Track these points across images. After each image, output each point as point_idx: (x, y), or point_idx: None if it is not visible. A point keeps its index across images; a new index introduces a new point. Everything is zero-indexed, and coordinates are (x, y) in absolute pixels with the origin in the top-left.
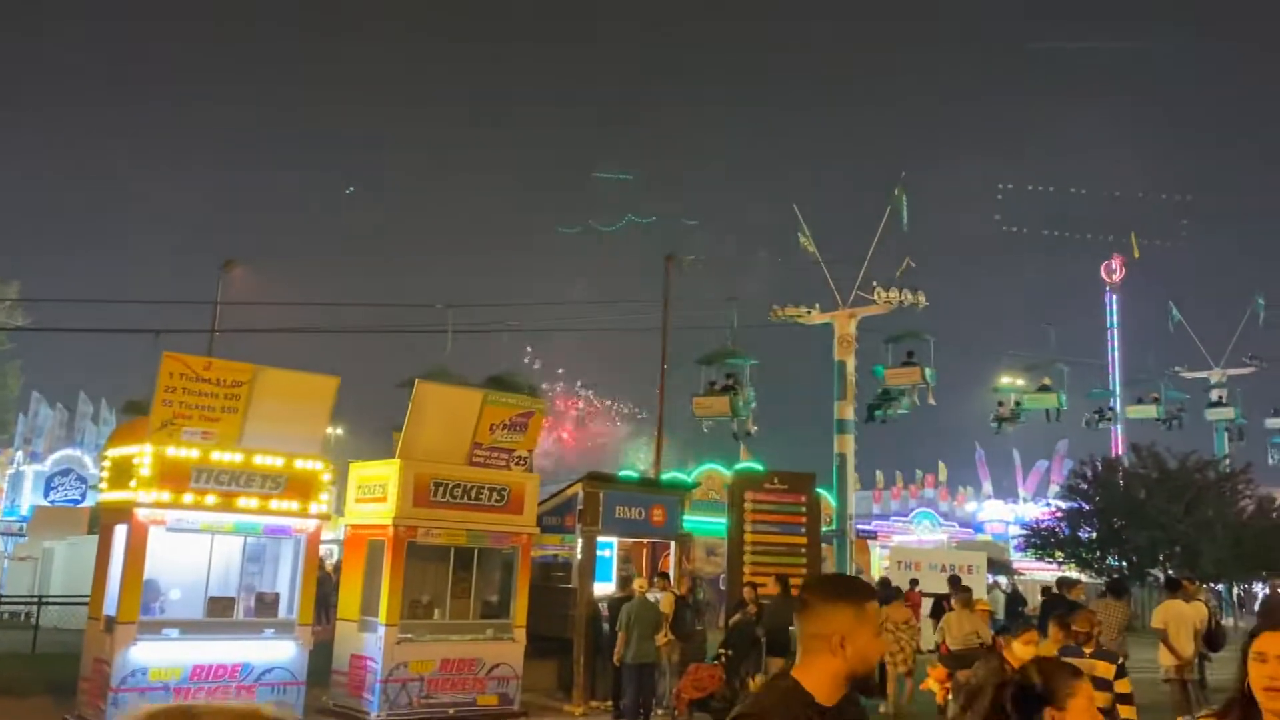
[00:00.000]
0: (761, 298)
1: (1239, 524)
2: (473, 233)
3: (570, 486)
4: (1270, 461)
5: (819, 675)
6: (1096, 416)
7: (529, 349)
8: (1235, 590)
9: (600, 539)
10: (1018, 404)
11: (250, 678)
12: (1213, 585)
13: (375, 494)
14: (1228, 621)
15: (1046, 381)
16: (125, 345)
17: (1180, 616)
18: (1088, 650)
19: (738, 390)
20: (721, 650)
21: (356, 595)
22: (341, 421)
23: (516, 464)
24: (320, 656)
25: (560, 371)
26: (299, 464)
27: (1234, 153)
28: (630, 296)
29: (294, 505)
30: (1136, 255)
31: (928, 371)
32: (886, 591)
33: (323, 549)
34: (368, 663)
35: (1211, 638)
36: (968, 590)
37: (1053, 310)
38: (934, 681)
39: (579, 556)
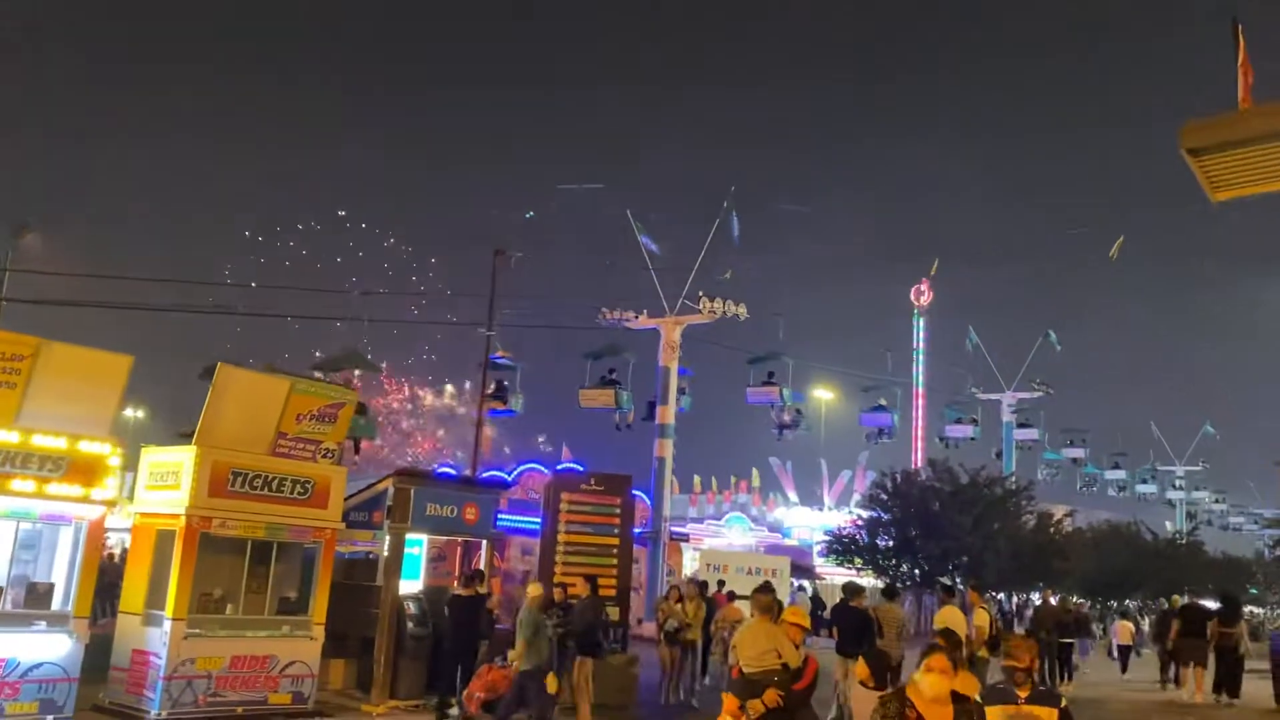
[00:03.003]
0: (591, 300)
1: (1020, 537)
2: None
3: (380, 481)
4: (1040, 476)
5: None
6: (878, 432)
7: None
8: (1014, 599)
9: (409, 536)
10: (798, 412)
11: (15, 674)
12: (994, 594)
13: (168, 481)
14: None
15: (882, 401)
16: None
17: (958, 623)
18: (1023, 694)
19: (621, 384)
20: (515, 651)
21: (142, 587)
22: (143, 404)
23: (324, 456)
24: (100, 652)
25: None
26: (84, 446)
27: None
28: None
29: (76, 490)
30: (933, 273)
31: (786, 391)
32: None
33: (113, 538)
34: (150, 658)
35: (994, 643)
36: (769, 592)
37: (866, 330)
38: (726, 715)
39: (385, 553)
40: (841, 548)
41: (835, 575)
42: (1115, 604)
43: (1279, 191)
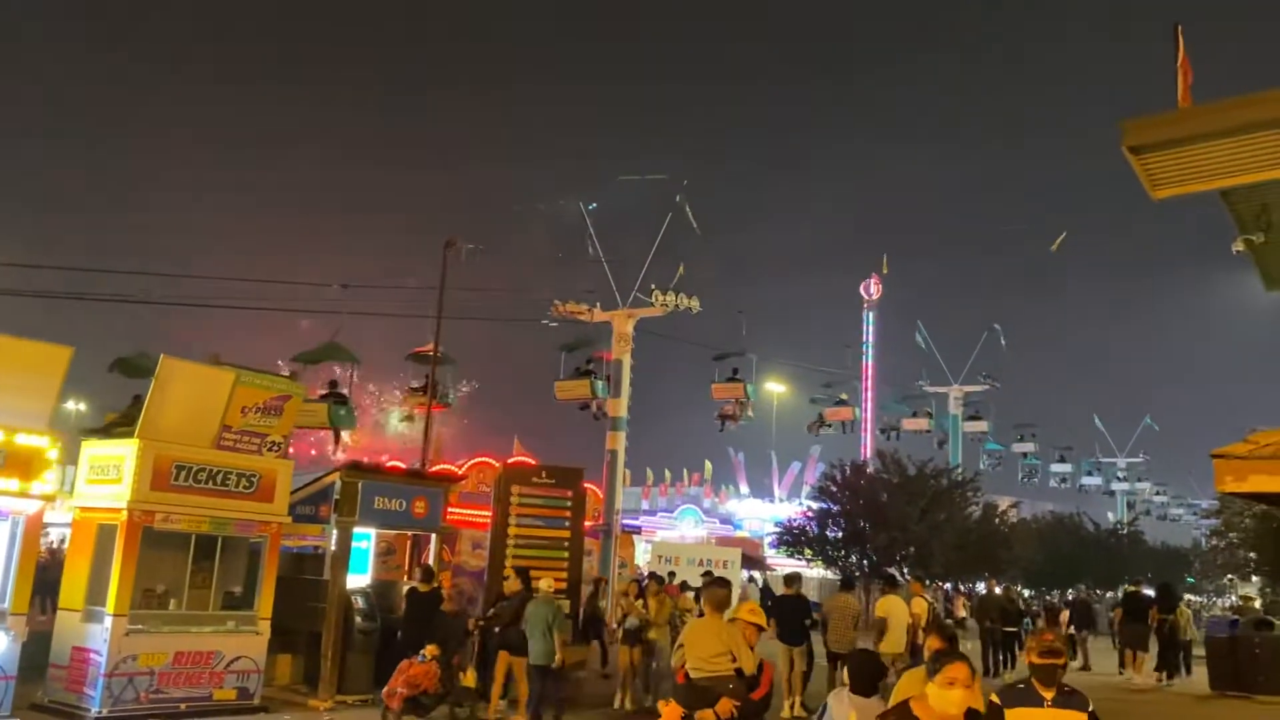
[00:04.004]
0: (545, 292)
1: (966, 528)
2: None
3: (328, 475)
4: (982, 465)
5: None
6: (818, 422)
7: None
8: (961, 588)
9: (357, 530)
10: (741, 404)
11: None
12: (941, 584)
13: (109, 475)
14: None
15: (844, 396)
16: None
17: (900, 612)
18: (1048, 695)
19: (597, 374)
20: (430, 647)
21: (82, 583)
22: (84, 397)
23: (269, 449)
24: (39, 649)
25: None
26: (20, 439)
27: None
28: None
29: (13, 484)
30: (885, 271)
31: (749, 387)
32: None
33: (55, 533)
34: (91, 655)
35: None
36: (724, 585)
37: (818, 324)
38: None
39: (333, 548)
40: (791, 539)
41: (786, 566)
42: (1058, 593)
43: (1217, 190)
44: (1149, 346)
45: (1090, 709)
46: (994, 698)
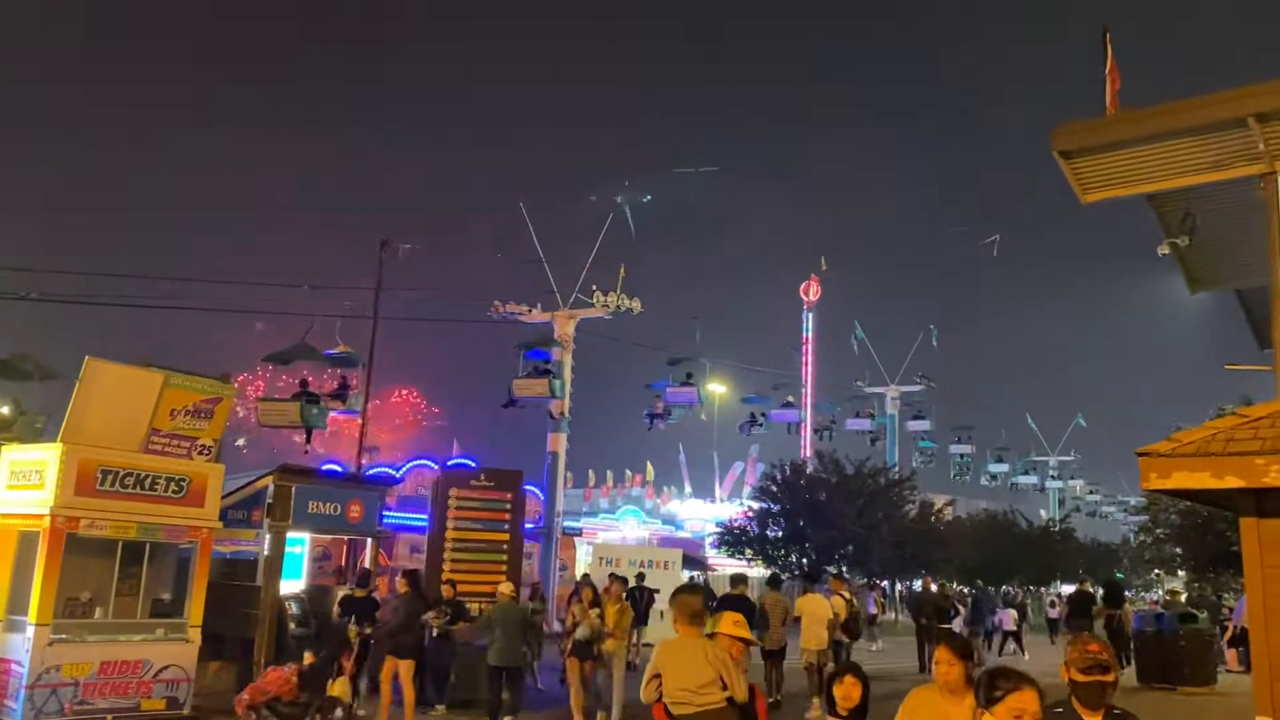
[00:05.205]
0: (485, 292)
1: (903, 526)
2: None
3: (260, 479)
4: (915, 463)
5: None
6: (749, 421)
7: (258, 327)
8: (899, 587)
9: (291, 535)
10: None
11: None
12: (879, 581)
13: (31, 480)
14: (889, 616)
15: (790, 399)
16: None
17: (820, 609)
18: (1095, 719)
19: (555, 374)
20: (308, 654)
21: (3, 592)
22: (5, 399)
23: (200, 453)
24: None
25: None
26: None
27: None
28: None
29: None
30: (824, 268)
31: (700, 391)
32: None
33: None
34: (12, 666)
35: (848, 627)
36: (695, 592)
37: (759, 324)
38: None
39: (266, 553)
40: (732, 539)
41: (727, 566)
42: (994, 590)
43: (1144, 194)
44: (1081, 347)
45: None
46: None
